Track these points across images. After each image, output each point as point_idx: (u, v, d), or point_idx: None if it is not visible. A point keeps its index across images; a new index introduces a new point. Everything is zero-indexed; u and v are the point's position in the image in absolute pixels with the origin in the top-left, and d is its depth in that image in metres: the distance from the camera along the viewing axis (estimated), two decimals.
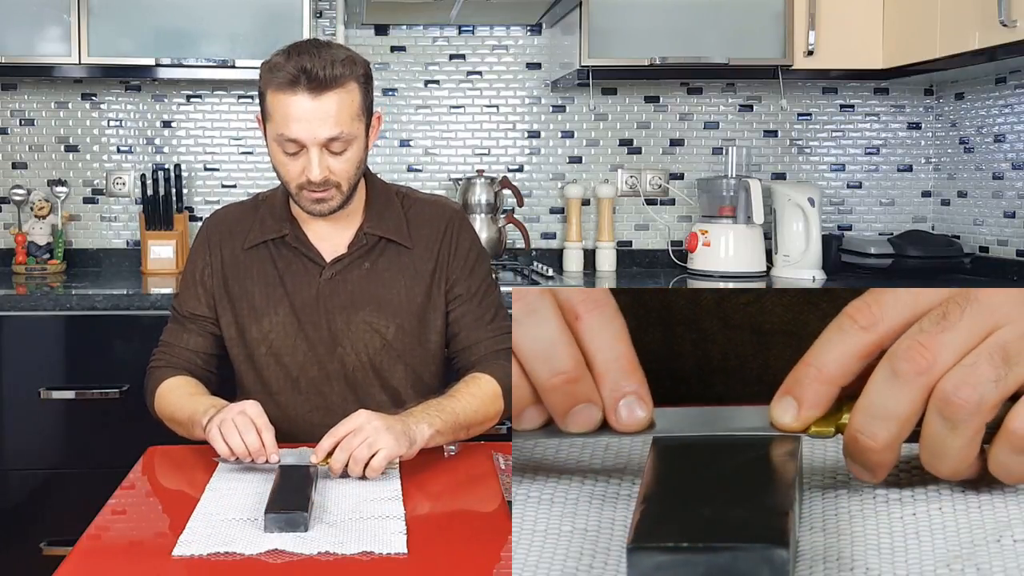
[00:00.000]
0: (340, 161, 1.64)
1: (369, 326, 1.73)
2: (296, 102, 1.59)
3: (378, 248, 1.75)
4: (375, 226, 1.75)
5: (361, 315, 1.73)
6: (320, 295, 1.73)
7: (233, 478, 1.41)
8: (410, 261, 1.76)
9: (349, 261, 1.74)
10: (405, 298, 1.74)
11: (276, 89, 1.60)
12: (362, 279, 1.74)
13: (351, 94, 1.62)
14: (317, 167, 1.61)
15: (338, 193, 1.66)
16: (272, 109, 1.62)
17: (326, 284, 1.73)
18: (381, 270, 1.75)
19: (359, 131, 1.65)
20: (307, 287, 1.73)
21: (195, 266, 1.80)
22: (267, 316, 1.74)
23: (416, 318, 1.75)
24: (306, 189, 1.64)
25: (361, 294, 1.73)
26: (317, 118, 1.59)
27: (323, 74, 1.57)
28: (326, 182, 1.63)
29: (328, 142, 1.61)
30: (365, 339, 1.73)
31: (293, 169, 1.64)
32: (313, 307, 1.73)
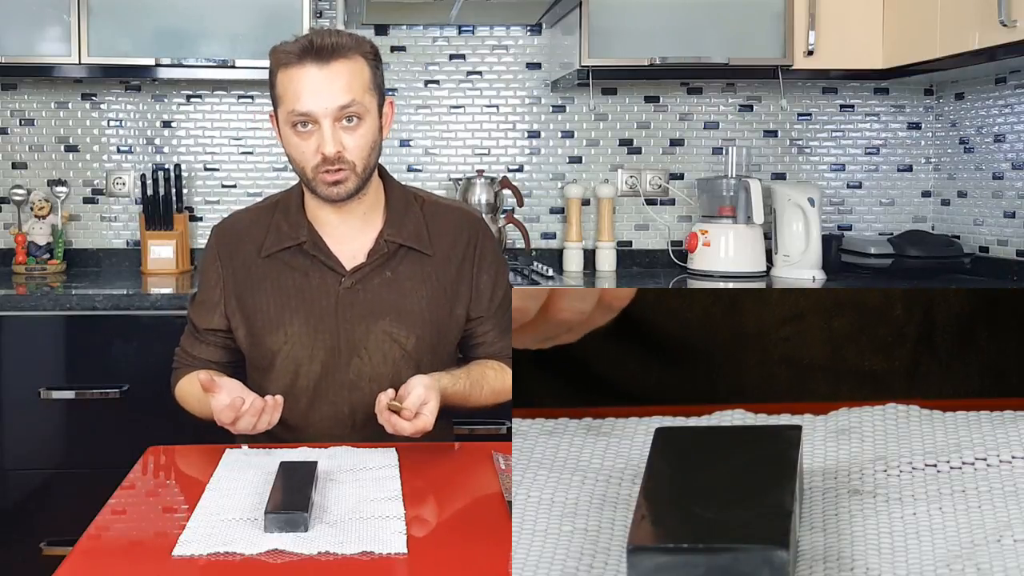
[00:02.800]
0: (354, 138, 1.62)
1: (389, 336, 1.70)
2: (305, 74, 1.59)
3: (399, 255, 1.72)
4: (396, 233, 1.71)
5: (381, 325, 1.70)
6: (339, 304, 1.70)
7: (233, 478, 1.41)
8: (432, 270, 1.73)
9: (370, 269, 1.71)
10: (426, 308, 1.71)
11: (284, 66, 1.61)
12: (383, 288, 1.71)
13: (359, 65, 1.62)
14: (331, 141, 1.60)
15: (353, 175, 1.63)
16: (282, 89, 1.62)
17: (345, 293, 1.70)
18: (402, 279, 1.71)
19: (371, 105, 1.64)
20: (325, 296, 1.70)
21: (208, 281, 1.77)
22: (283, 326, 1.70)
23: (435, 328, 1.72)
24: (321, 171, 1.62)
25: (381, 303, 1.70)
26: (326, 87, 1.59)
27: (329, 43, 1.59)
28: (340, 159, 1.61)
29: (340, 113, 1.60)
30: (384, 349, 1.70)
31: (307, 149, 1.62)
32: (331, 316, 1.70)
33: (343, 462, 1.48)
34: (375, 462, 1.48)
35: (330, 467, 1.45)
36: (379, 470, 1.45)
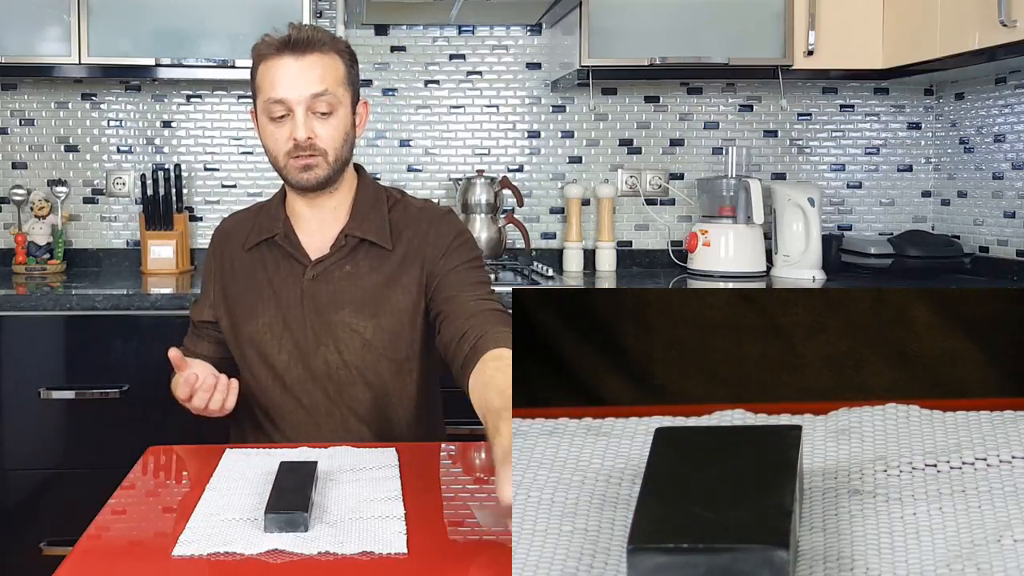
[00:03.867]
0: (326, 127, 1.68)
1: (348, 327, 1.74)
2: (281, 64, 1.67)
3: (360, 250, 1.76)
4: (356, 227, 1.76)
5: (340, 315, 1.74)
6: (304, 295, 1.76)
7: (233, 478, 1.41)
8: (390, 263, 1.76)
9: (331, 263, 1.76)
10: (382, 297, 1.75)
11: (263, 58, 1.70)
12: (343, 280, 1.76)
13: (334, 60, 1.70)
14: (302, 126, 1.66)
15: (324, 162, 1.69)
16: (261, 80, 1.70)
17: (310, 284, 1.76)
18: (362, 272, 1.76)
19: (344, 98, 1.70)
20: (293, 287, 1.77)
21: (205, 277, 1.88)
22: (257, 316, 1.77)
23: (396, 317, 1.74)
24: (293, 157, 1.68)
25: (341, 295, 1.75)
26: (302, 77, 1.66)
27: (306, 36, 1.68)
28: (312, 146, 1.67)
29: (313, 101, 1.66)
30: (345, 339, 1.74)
31: (280, 136, 1.69)
32: (298, 307, 1.76)
33: (343, 462, 1.48)
34: (375, 462, 1.48)
35: (330, 467, 1.45)
36: (379, 470, 1.45)
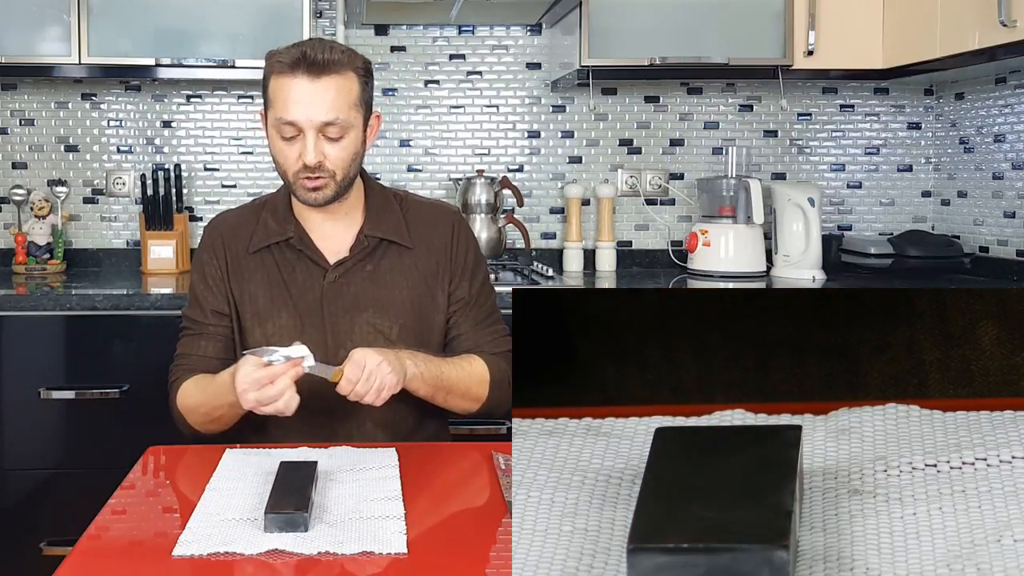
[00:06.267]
0: (336, 149, 1.67)
1: (372, 327, 1.73)
2: (295, 84, 1.64)
3: (380, 249, 1.77)
4: (375, 228, 1.76)
5: (364, 316, 1.73)
6: (324, 298, 1.74)
7: (233, 478, 1.41)
8: (412, 262, 1.77)
9: (352, 264, 1.75)
10: (407, 298, 1.75)
11: (277, 73, 1.66)
12: (365, 281, 1.75)
13: (349, 82, 1.66)
14: (312, 151, 1.65)
15: (332, 182, 1.68)
16: (273, 95, 1.67)
17: (329, 287, 1.74)
18: (384, 272, 1.76)
19: (356, 121, 1.68)
20: (310, 290, 1.74)
21: (204, 269, 1.79)
22: (270, 319, 1.74)
23: (418, 317, 1.76)
24: (302, 176, 1.67)
25: (364, 296, 1.74)
26: (315, 101, 1.64)
27: (322, 58, 1.63)
28: (321, 168, 1.66)
29: (324, 127, 1.65)
30: (368, 340, 1.72)
31: (290, 155, 1.67)
32: (316, 310, 1.74)
33: (343, 462, 1.48)
34: (375, 462, 1.48)
35: (330, 467, 1.45)
36: (379, 470, 1.45)
